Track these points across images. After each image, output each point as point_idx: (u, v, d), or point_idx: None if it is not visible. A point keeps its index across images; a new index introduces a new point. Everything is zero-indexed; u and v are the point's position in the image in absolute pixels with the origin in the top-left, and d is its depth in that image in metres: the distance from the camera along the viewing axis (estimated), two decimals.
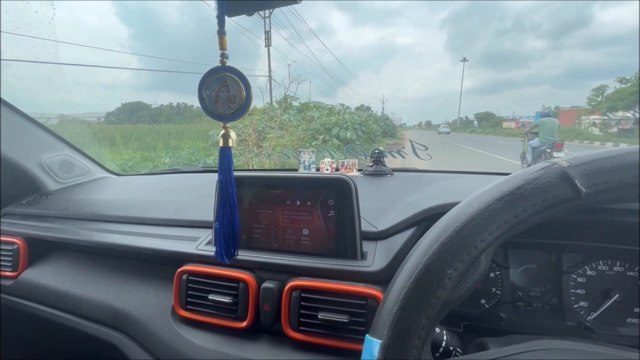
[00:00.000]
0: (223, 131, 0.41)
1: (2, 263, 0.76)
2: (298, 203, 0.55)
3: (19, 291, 0.74)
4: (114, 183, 1.03)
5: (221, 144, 0.42)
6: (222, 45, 0.39)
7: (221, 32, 0.39)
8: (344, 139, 6.82)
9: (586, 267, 0.53)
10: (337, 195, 0.53)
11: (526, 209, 0.27)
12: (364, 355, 0.27)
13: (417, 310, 0.26)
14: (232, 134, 0.42)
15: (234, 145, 0.42)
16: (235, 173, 0.56)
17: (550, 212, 0.27)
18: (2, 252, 0.76)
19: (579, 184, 0.26)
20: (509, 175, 0.30)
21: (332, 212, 0.53)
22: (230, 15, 0.42)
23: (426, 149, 0.95)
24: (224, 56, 0.39)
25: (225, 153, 0.42)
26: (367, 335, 0.28)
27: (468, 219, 0.28)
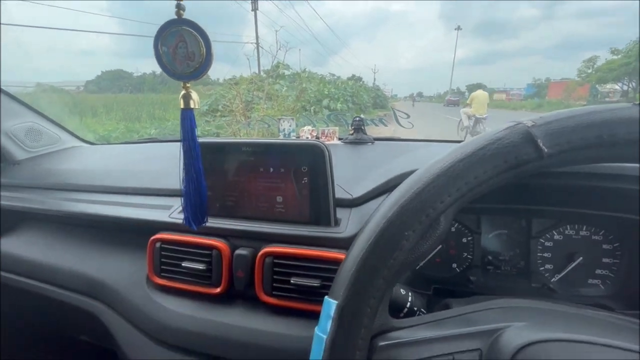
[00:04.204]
0: (183, 92, 0.39)
1: None
2: (271, 170, 0.54)
3: None
4: (86, 152, 0.99)
5: (182, 106, 0.39)
6: None
7: None
8: (334, 110, 6.72)
9: (554, 232, 0.55)
10: (310, 162, 0.51)
11: (487, 170, 0.26)
12: (321, 316, 0.28)
13: (374, 271, 0.26)
14: (194, 95, 0.39)
15: (197, 107, 0.40)
16: (207, 139, 0.55)
17: (511, 173, 0.26)
18: None
19: (541, 144, 0.25)
20: (474, 137, 0.29)
21: (305, 179, 0.52)
22: None
23: (408, 116, 0.93)
24: (179, 7, 0.36)
25: (187, 115, 0.40)
26: (325, 296, 0.28)
27: (428, 181, 0.27)
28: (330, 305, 0.27)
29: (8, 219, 0.75)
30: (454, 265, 0.59)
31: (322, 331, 0.26)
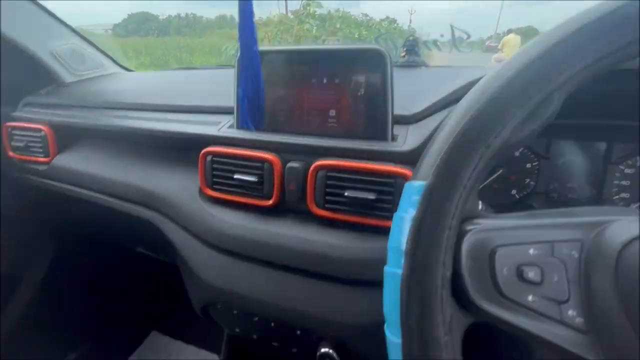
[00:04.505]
0: None
1: (34, 149, 0.78)
2: (325, 81, 0.50)
3: (54, 175, 0.78)
4: (129, 77, 0.99)
5: None
6: None
7: None
8: None
9: (638, 157, 0.49)
10: (368, 69, 0.47)
11: (625, 33, 0.21)
12: (402, 201, 0.26)
13: (471, 149, 0.23)
14: None
15: None
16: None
17: None
18: (32, 139, 0.78)
19: None
20: None
21: (362, 90, 0.49)
22: None
23: (468, 37, 0.83)
24: None
25: (245, 7, 0.37)
26: (406, 182, 0.26)
27: (544, 49, 0.23)
28: (414, 189, 0.25)
29: (64, 136, 0.78)
30: (513, 192, 0.55)
31: (405, 212, 0.25)
